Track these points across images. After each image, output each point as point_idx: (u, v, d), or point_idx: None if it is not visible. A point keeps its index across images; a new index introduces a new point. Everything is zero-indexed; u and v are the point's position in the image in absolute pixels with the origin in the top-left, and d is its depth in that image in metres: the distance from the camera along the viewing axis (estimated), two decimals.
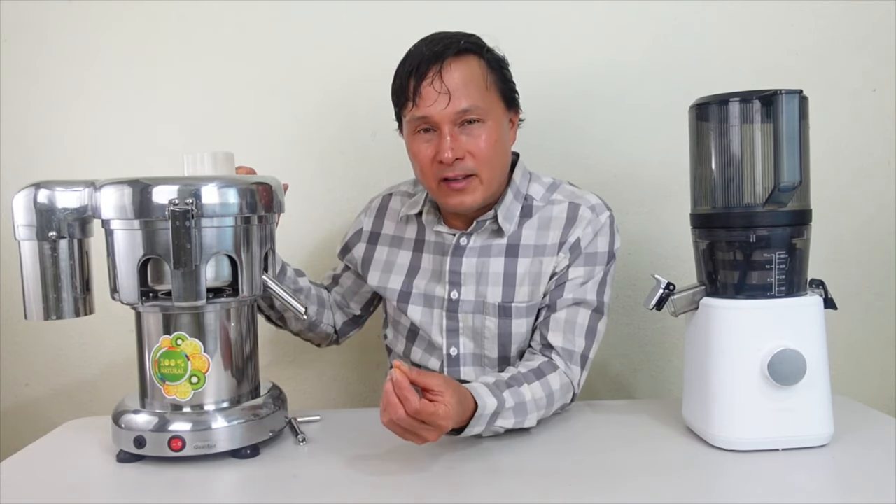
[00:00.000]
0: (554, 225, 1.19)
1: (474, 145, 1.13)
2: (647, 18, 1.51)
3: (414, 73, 1.12)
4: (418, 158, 1.16)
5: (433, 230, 1.24)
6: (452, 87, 1.11)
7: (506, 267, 1.18)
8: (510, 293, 1.18)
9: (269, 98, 1.54)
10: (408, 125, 1.16)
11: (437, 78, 1.11)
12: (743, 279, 1.01)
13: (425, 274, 1.23)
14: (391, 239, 1.28)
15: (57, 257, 1.00)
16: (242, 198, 1.01)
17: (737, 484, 0.93)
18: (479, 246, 1.20)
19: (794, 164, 0.96)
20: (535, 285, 1.17)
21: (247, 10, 1.51)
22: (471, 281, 1.19)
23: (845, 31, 1.52)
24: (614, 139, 1.54)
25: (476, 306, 1.19)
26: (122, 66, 1.53)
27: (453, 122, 1.12)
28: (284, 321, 1.27)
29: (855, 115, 1.53)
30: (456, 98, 1.11)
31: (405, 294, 1.23)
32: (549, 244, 1.18)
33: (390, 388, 0.92)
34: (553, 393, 1.10)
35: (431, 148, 1.13)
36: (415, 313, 1.22)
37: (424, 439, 0.95)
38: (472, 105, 1.12)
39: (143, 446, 1.00)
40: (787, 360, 0.97)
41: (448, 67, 1.11)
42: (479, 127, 1.13)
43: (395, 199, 1.31)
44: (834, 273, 1.20)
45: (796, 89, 0.96)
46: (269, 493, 0.94)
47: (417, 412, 0.91)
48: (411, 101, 1.12)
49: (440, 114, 1.11)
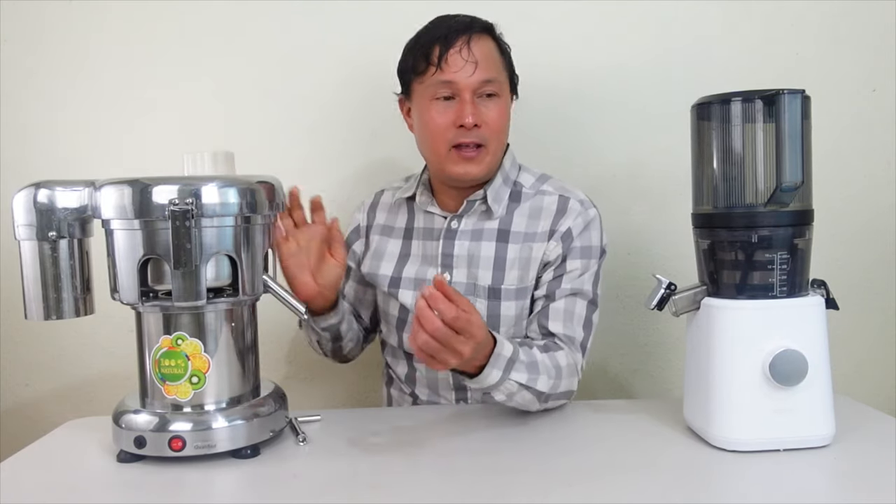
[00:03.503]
0: (544, 214, 1.23)
1: (490, 117, 1.18)
2: (648, 18, 1.51)
3: (441, 41, 1.17)
4: (432, 125, 1.19)
5: (424, 212, 1.27)
6: (479, 57, 1.17)
7: (496, 251, 1.22)
8: (500, 277, 1.21)
9: (270, 98, 1.54)
10: (425, 92, 1.19)
11: (465, 47, 1.17)
12: (744, 279, 1.01)
13: (416, 260, 1.27)
14: (382, 228, 1.33)
15: (57, 257, 1.00)
16: (242, 198, 1.01)
17: (738, 484, 0.92)
18: (470, 230, 1.24)
19: (797, 164, 0.96)
20: (524, 269, 1.21)
21: (247, 10, 1.51)
22: (462, 264, 1.23)
23: (845, 32, 1.52)
24: (615, 139, 1.54)
25: (468, 288, 1.22)
26: (122, 66, 1.53)
27: (475, 91, 1.17)
28: (341, 349, 1.30)
29: (855, 115, 1.53)
30: (482, 68, 1.17)
31: (396, 280, 1.27)
32: (539, 231, 1.22)
33: (424, 303, 0.92)
34: (560, 367, 1.11)
35: (449, 114, 1.17)
36: (406, 297, 1.25)
37: (459, 354, 0.93)
38: (494, 77, 1.18)
39: (143, 446, 1.00)
40: (788, 360, 0.97)
41: (476, 39, 1.18)
42: (494, 101, 1.19)
43: (387, 193, 1.36)
44: (835, 273, 1.20)
45: (799, 89, 0.96)
46: (269, 493, 0.94)
47: (455, 319, 0.91)
48: (435, 67, 1.16)
49: (466, 80, 1.16)
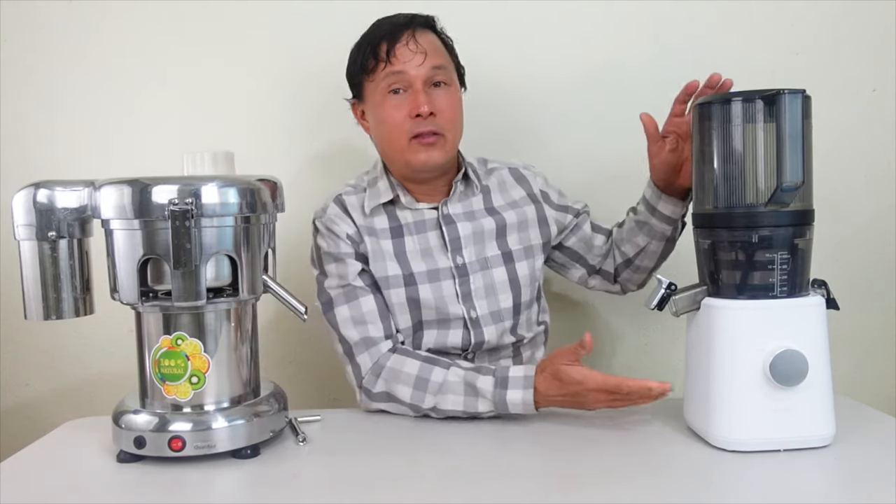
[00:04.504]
0: (509, 185, 1.32)
1: (444, 105, 1.21)
2: (648, 18, 1.51)
3: (387, 37, 1.20)
4: (389, 119, 1.20)
5: (412, 210, 1.26)
6: (427, 48, 1.20)
7: (496, 223, 1.28)
8: (504, 243, 1.28)
9: (270, 98, 1.53)
10: (377, 89, 1.21)
11: (412, 39, 1.20)
12: (745, 279, 1.00)
13: (416, 255, 1.24)
14: (368, 230, 1.24)
15: (57, 257, 1.00)
16: (242, 197, 1.01)
17: (738, 484, 0.92)
18: (462, 212, 1.27)
19: (797, 164, 0.95)
20: (522, 231, 1.29)
21: (247, 10, 1.51)
22: (469, 242, 1.25)
23: (846, 31, 1.52)
24: (614, 139, 1.53)
25: (481, 263, 1.25)
26: (122, 66, 1.52)
27: (426, 81, 1.20)
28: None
29: (855, 115, 1.53)
30: (430, 57, 1.20)
31: (409, 277, 1.23)
32: (519, 198, 1.31)
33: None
34: None
35: (404, 107, 1.19)
36: (425, 292, 1.23)
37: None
38: (443, 64, 1.22)
39: (143, 446, 1.00)
40: (788, 360, 0.96)
41: (420, 32, 1.21)
42: (445, 90, 1.22)
43: (348, 197, 1.26)
44: (835, 273, 1.20)
45: (799, 89, 0.96)
46: (269, 493, 0.94)
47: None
48: (385, 62, 1.19)
49: (416, 70, 1.19)
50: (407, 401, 1.16)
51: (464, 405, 1.14)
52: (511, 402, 1.11)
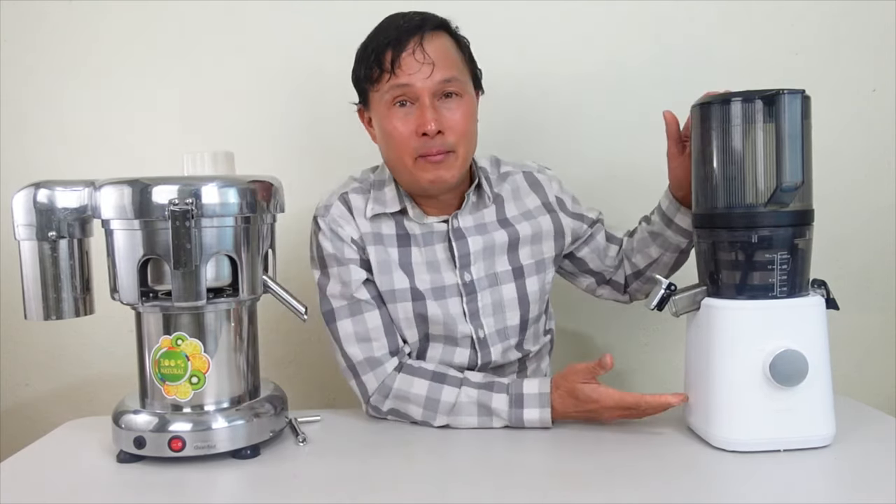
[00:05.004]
0: (523, 193, 1.25)
1: (454, 120, 1.12)
2: (648, 19, 1.51)
3: (392, 44, 1.10)
4: (395, 134, 1.12)
5: (420, 223, 1.19)
6: (435, 57, 1.10)
7: (509, 235, 1.22)
8: (515, 257, 1.22)
9: (269, 98, 1.53)
10: (382, 99, 1.13)
11: (419, 48, 1.10)
12: (745, 279, 1.00)
13: (422, 267, 1.19)
14: (373, 237, 1.19)
15: (57, 257, 1.00)
16: (242, 198, 1.01)
17: (738, 485, 0.92)
18: (473, 225, 1.21)
19: (797, 165, 0.95)
20: (535, 244, 1.23)
21: (247, 9, 1.51)
22: (479, 258, 1.20)
23: (846, 31, 1.52)
24: (614, 139, 1.54)
25: (490, 280, 1.20)
26: (121, 66, 1.52)
27: (434, 94, 1.11)
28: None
29: (855, 115, 1.53)
30: (438, 68, 1.10)
31: (417, 291, 1.17)
32: (533, 207, 1.25)
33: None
34: None
35: (410, 122, 1.11)
36: (433, 308, 1.18)
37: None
38: (453, 76, 1.12)
39: (143, 446, 1.00)
40: (788, 360, 0.96)
41: (428, 38, 1.11)
42: (457, 101, 1.13)
43: (354, 197, 1.21)
44: (835, 273, 1.20)
45: (799, 89, 0.96)
46: (269, 494, 0.94)
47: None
48: (389, 73, 1.10)
49: (423, 83, 1.10)
50: (418, 419, 1.14)
51: (478, 424, 1.12)
52: (528, 420, 1.10)
